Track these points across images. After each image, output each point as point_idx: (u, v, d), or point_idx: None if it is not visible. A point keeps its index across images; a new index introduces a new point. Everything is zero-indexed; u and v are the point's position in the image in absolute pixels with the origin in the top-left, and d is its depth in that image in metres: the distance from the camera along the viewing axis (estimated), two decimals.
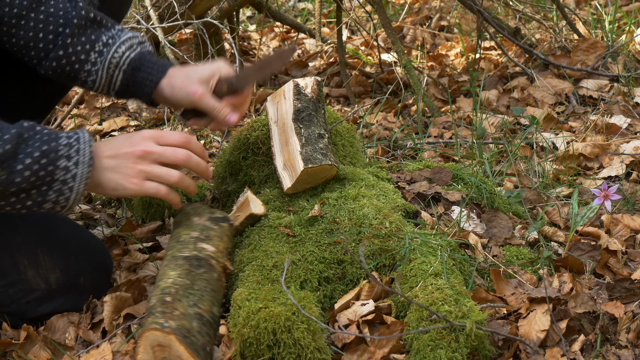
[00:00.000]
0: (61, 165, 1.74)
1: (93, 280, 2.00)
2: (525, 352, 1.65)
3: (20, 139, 1.71)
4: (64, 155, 1.74)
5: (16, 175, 1.70)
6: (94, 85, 2.00)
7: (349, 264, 1.86)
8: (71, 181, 1.75)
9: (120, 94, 2.04)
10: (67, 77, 1.99)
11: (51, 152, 1.73)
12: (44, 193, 1.74)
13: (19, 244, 1.93)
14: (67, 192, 1.76)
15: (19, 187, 1.71)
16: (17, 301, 1.93)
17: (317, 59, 4.09)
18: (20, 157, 1.70)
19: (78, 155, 1.75)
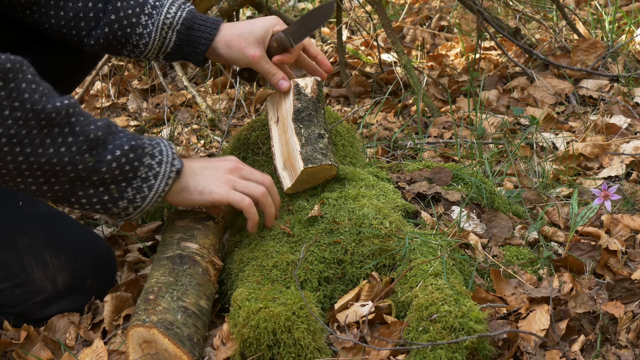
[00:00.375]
0: (145, 162, 1.75)
1: (99, 282, 2.00)
2: (525, 352, 1.65)
3: (109, 129, 1.72)
4: (149, 153, 1.75)
5: (103, 165, 1.70)
6: (145, 48, 1.99)
7: (349, 264, 1.86)
8: (152, 179, 1.76)
9: (170, 56, 2.03)
10: (117, 43, 1.97)
11: (138, 148, 1.74)
12: (123, 189, 1.75)
13: (26, 245, 1.93)
14: (145, 191, 1.76)
15: (101, 177, 1.71)
16: (24, 302, 1.93)
17: None
18: (109, 147, 1.71)
19: (161, 155, 1.77)
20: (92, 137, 1.68)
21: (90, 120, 1.70)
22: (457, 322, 1.63)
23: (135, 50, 2.00)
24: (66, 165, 1.67)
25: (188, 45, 2.00)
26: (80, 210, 1.78)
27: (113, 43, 1.98)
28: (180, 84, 3.82)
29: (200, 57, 2.02)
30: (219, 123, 3.24)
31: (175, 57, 2.04)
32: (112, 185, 1.73)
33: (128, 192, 1.76)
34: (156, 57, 2.03)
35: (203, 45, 1.99)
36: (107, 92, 3.80)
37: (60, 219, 2.07)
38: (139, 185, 1.76)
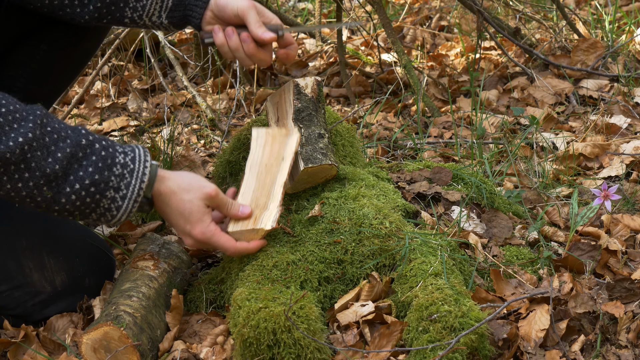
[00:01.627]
0: (109, 196, 1.74)
1: (98, 282, 2.00)
2: (525, 352, 1.65)
3: (73, 158, 1.69)
4: (112, 187, 1.74)
5: (62, 197, 1.70)
6: (147, 1, 1.96)
7: (349, 263, 1.86)
8: (114, 211, 1.76)
9: (172, 14, 1.99)
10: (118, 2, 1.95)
11: (101, 183, 1.72)
12: (86, 215, 1.75)
13: (24, 247, 1.93)
14: (108, 217, 1.77)
15: (62, 207, 1.71)
16: (23, 304, 1.93)
17: (317, 59, 4.09)
18: (70, 180, 1.69)
19: (127, 190, 1.75)
20: (48, 172, 1.67)
21: (51, 151, 1.67)
22: (457, 322, 1.63)
23: (137, 6, 1.97)
24: (25, 198, 1.69)
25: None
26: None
27: (113, 3, 1.95)
28: (180, 84, 3.82)
29: (201, 11, 1.97)
30: (219, 123, 3.24)
31: (177, 14, 1.99)
32: (75, 212, 1.74)
33: (92, 216, 1.77)
34: (159, 17, 1.99)
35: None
36: (107, 92, 3.80)
37: (58, 219, 2.07)
38: (102, 213, 1.76)
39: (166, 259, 1.97)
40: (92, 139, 1.72)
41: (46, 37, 2.10)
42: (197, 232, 1.82)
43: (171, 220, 1.84)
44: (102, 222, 1.79)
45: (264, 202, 1.89)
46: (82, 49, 2.20)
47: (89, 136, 1.72)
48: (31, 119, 1.66)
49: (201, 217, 1.82)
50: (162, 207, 1.82)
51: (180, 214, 1.81)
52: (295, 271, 1.83)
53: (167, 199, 1.81)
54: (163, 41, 3.61)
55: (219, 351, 1.78)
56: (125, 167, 1.75)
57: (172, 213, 1.82)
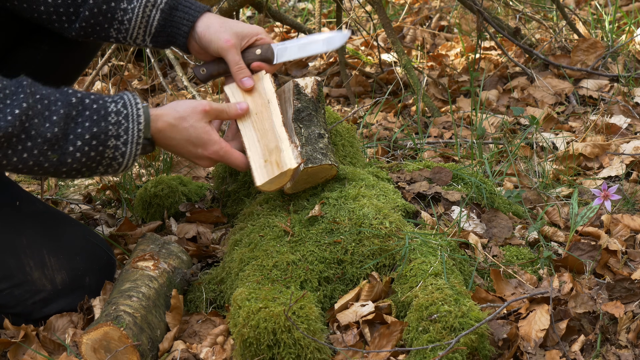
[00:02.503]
0: (111, 145, 1.79)
1: (98, 280, 2.00)
2: (525, 352, 1.65)
3: (69, 118, 1.74)
4: (113, 135, 1.78)
5: (67, 157, 1.75)
6: (130, 25, 1.98)
7: (349, 263, 1.86)
8: (120, 158, 1.80)
9: (156, 38, 2.02)
10: (104, 20, 1.97)
11: (101, 134, 1.77)
12: (94, 169, 1.80)
13: (24, 245, 1.93)
14: (115, 166, 1.82)
15: (70, 167, 1.76)
16: (23, 302, 1.93)
17: (317, 59, 4.09)
18: (70, 139, 1.75)
19: (127, 134, 1.80)
20: (49, 136, 1.72)
21: (46, 116, 1.72)
22: (457, 322, 1.63)
23: (121, 28, 1.99)
24: (32, 167, 1.74)
25: (172, 26, 2.00)
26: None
27: (99, 19, 1.97)
28: (180, 84, 3.82)
29: (183, 40, 2.01)
30: None
31: (161, 40, 2.03)
32: (82, 168, 1.79)
33: (99, 169, 1.81)
34: (143, 40, 2.02)
35: (185, 26, 1.99)
36: (107, 92, 3.79)
37: (59, 218, 2.07)
38: (108, 164, 1.81)
39: (166, 259, 1.97)
40: (81, 96, 1.78)
41: (47, 38, 2.11)
42: (211, 153, 1.87)
43: (180, 151, 1.88)
44: (110, 172, 1.83)
45: (275, 145, 1.91)
46: (83, 49, 2.20)
47: (77, 94, 1.78)
48: (21, 90, 1.71)
49: (209, 137, 1.87)
50: (167, 142, 1.86)
51: (187, 141, 1.86)
52: (295, 271, 1.83)
53: (168, 133, 1.85)
54: None
55: (219, 351, 1.78)
56: (119, 114, 1.79)
57: (178, 145, 1.86)
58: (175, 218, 2.36)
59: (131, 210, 2.45)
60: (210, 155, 1.88)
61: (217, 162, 1.92)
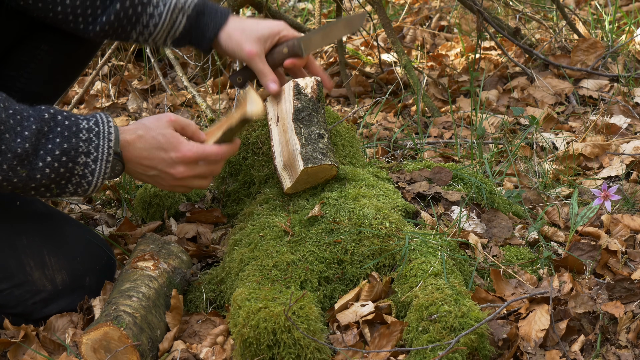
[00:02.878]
0: (80, 162, 1.77)
1: (98, 281, 2.00)
2: (525, 352, 1.65)
3: (40, 134, 1.73)
4: (83, 152, 1.77)
5: (36, 173, 1.73)
6: (155, 30, 1.99)
7: (349, 263, 1.86)
8: (89, 176, 1.79)
9: (178, 41, 2.03)
10: (127, 23, 1.97)
11: (71, 150, 1.75)
12: (63, 187, 1.78)
13: (24, 245, 1.93)
14: (85, 185, 1.80)
15: (39, 183, 1.75)
16: (24, 302, 1.93)
17: (317, 59, 4.09)
18: (40, 154, 1.73)
19: (97, 152, 1.78)
20: (19, 152, 1.70)
21: (17, 132, 1.70)
22: (457, 322, 1.63)
23: (144, 31, 2.00)
24: (2, 182, 1.72)
25: (197, 30, 2.01)
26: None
27: (123, 23, 1.97)
28: (180, 84, 3.82)
29: (207, 44, 2.02)
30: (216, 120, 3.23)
31: (183, 42, 2.04)
32: (51, 185, 1.77)
33: (68, 187, 1.79)
34: (164, 42, 2.03)
35: (211, 32, 2.00)
36: (107, 92, 3.79)
37: (59, 218, 2.07)
38: (77, 182, 1.79)
39: (166, 259, 1.97)
40: (54, 112, 1.76)
41: (47, 37, 2.11)
42: (186, 152, 1.82)
43: (152, 161, 1.83)
44: (79, 192, 1.80)
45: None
46: (83, 49, 2.20)
47: (49, 109, 1.76)
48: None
49: (177, 140, 1.83)
50: (137, 154, 1.82)
51: (157, 148, 1.82)
52: (295, 271, 1.83)
53: (137, 144, 1.81)
54: None
55: (219, 351, 1.78)
56: (91, 131, 1.78)
57: (149, 155, 1.82)
58: (175, 218, 2.36)
59: (131, 210, 2.45)
60: (186, 155, 1.82)
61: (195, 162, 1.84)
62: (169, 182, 1.86)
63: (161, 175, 1.84)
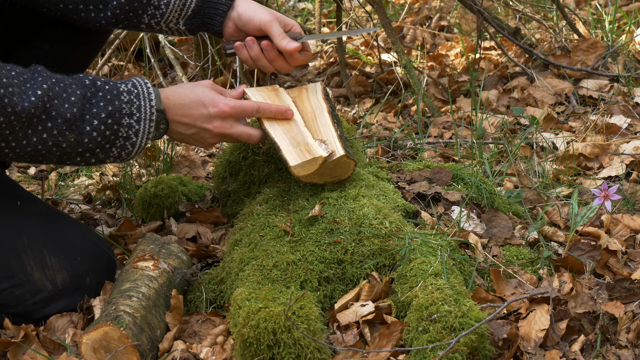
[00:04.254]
0: (125, 123, 1.82)
1: (99, 281, 2.00)
2: (525, 352, 1.65)
3: (85, 99, 1.78)
4: (126, 114, 1.82)
5: (84, 137, 1.78)
6: (167, 9, 2.01)
7: (349, 263, 1.86)
8: (134, 137, 1.84)
9: (190, 21, 2.05)
10: (139, 5, 2.00)
11: (115, 112, 1.81)
12: (108, 150, 1.83)
13: (25, 245, 1.93)
14: (129, 147, 1.85)
15: (86, 147, 1.80)
16: (24, 302, 1.93)
17: (317, 59, 4.09)
18: (87, 119, 1.78)
19: (139, 112, 1.83)
20: (69, 116, 1.76)
21: (64, 97, 1.76)
22: (457, 322, 1.63)
23: (156, 13, 2.02)
24: (51, 147, 1.77)
25: (209, 7, 2.03)
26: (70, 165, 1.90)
27: (134, 5, 2.00)
28: None
29: (221, 20, 2.03)
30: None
31: (195, 22, 2.05)
32: (97, 149, 1.82)
33: (113, 151, 1.84)
34: (176, 23, 2.04)
35: (225, 5, 2.02)
36: None
37: (59, 218, 2.07)
38: (122, 144, 1.84)
39: (166, 259, 1.97)
40: (93, 78, 1.82)
41: (49, 37, 2.11)
42: (224, 106, 1.90)
43: (191, 117, 1.89)
44: (122, 155, 1.85)
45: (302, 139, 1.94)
46: (84, 48, 2.21)
47: (88, 77, 1.82)
48: (37, 75, 1.76)
49: (216, 95, 1.91)
50: (177, 111, 1.88)
51: (196, 103, 1.89)
52: (295, 271, 1.83)
53: (178, 100, 1.88)
54: (163, 41, 3.61)
55: (219, 351, 1.78)
56: (131, 93, 1.84)
57: (188, 111, 1.88)
58: (175, 218, 2.36)
59: (131, 210, 2.45)
60: (224, 110, 1.88)
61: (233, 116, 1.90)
62: (207, 140, 1.93)
63: (200, 133, 1.92)
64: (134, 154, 1.86)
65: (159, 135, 1.89)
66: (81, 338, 1.70)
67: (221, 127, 1.90)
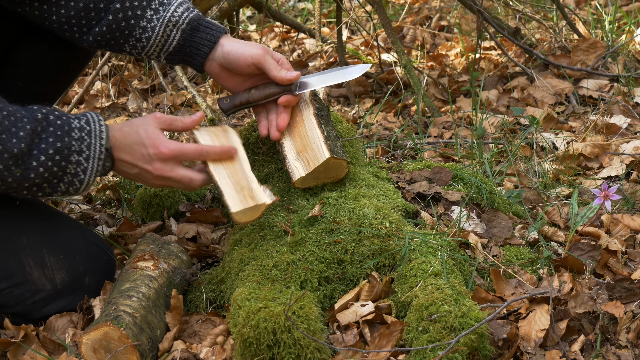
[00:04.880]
0: (73, 160, 1.80)
1: (98, 281, 2.00)
2: (525, 352, 1.65)
3: (34, 134, 1.76)
4: (75, 151, 1.80)
5: (30, 172, 1.76)
6: (147, 43, 1.98)
7: (349, 263, 1.86)
8: (82, 174, 1.82)
9: (171, 56, 2.02)
10: (120, 36, 1.97)
11: (64, 149, 1.79)
12: (55, 186, 1.81)
13: (24, 244, 1.93)
14: (77, 184, 1.83)
15: (32, 182, 1.78)
16: (23, 302, 1.93)
17: (317, 59, 4.09)
18: (34, 154, 1.76)
19: (89, 150, 1.82)
20: (15, 152, 1.73)
21: (13, 132, 1.73)
22: (457, 322, 1.63)
23: (137, 45, 1.99)
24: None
25: (191, 47, 1.99)
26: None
27: (116, 35, 1.97)
28: (180, 84, 3.82)
29: (202, 60, 2.00)
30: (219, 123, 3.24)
31: (177, 58, 2.02)
32: (44, 184, 1.80)
33: (60, 186, 1.82)
34: (157, 57, 2.02)
35: (206, 47, 1.98)
36: (107, 92, 3.80)
37: (59, 218, 2.07)
38: (69, 180, 1.82)
39: (166, 259, 1.97)
40: (46, 112, 1.79)
41: (46, 37, 2.11)
42: (163, 148, 1.85)
43: (133, 157, 1.86)
44: (70, 191, 1.84)
45: (246, 184, 1.90)
46: (82, 49, 2.20)
47: (42, 109, 1.79)
48: None
49: (159, 136, 1.87)
50: (121, 149, 1.86)
51: (138, 144, 1.86)
52: (295, 271, 1.83)
53: (122, 139, 1.86)
54: None
55: (219, 351, 1.78)
56: (82, 130, 1.82)
57: (130, 150, 1.86)
58: (175, 218, 2.36)
59: (131, 210, 2.45)
60: (164, 153, 1.84)
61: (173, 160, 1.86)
62: (151, 181, 1.90)
63: (142, 174, 1.89)
64: (81, 190, 1.85)
65: (105, 172, 1.88)
66: (81, 338, 1.69)
67: (161, 170, 1.87)
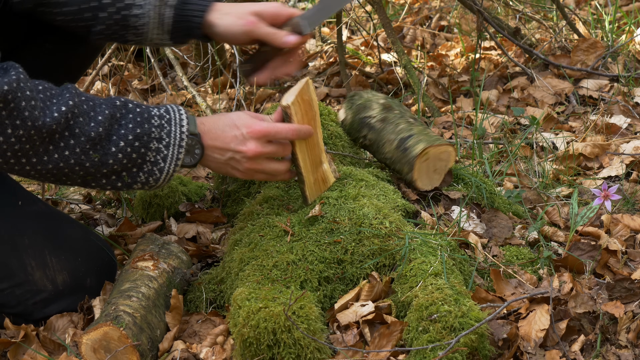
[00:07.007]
0: (153, 148, 1.79)
1: (99, 281, 2.01)
2: (525, 352, 1.65)
3: (113, 119, 1.75)
4: (155, 138, 1.78)
5: (109, 158, 1.75)
6: (146, 29, 1.97)
7: (349, 263, 1.86)
8: (161, 162, 1.80)
9: (174, 35, 2.00)
10: (120, 28, 1.98)
11: (144, 135, 1.77)
12: (135, 174, 1.79)
13: (26, 245, 1.93)
14: (157, 173, 1.81)
15: (110, 168, 1.76)
16: (24, 302, 1.93)
17: (317, 59, 4.09)
18: (113, 139, 1.75)
19: (169, 137, 1.80)
20: (93, 135, 1.73)
21: (91, 116, 1.73)
22: (457, 322, 1.63)
23: (137, 33, 1.99)
24: (74, 166, 1.74)
25: (185, 20, 1.97)
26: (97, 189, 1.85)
27: (115, 28, 1.98)
28: (180, 84, 3.82)
29: (198, 31, 1.98)
30: None
31: (179, 34, 2.00)
32: (122, 172, 1.79)
33: (140, 176, 1.80)
34: (161, 39, 2.01)
35: (198, 17, 1.96)
36: (107, 92, 3.79)
37: (60, 218, 2.07)
38: (149, 169, 1.80)
39: (166, 259, 1.97)
40: (124, 100, 1.79)
41: (51, 36, 2.12)
42: (259, 128, 1.83)
43: (225, 140, 1.83)
44: (150, 181, 1.81)
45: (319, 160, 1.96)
46: (86, 47, 2.21)
47: (120, 98, 1.80)
48: (66, 91, 1.74)
49: (250, 118, 1.85)
50: (211, 134, 1.83)
51: (230, 126, 1.84)
52: (295, 271, 1.83)
53: (213, 123, 1.84)
54: None
55: (218, 351, 1.78)
56: (162, 118, 1.80)
57: (222, 134, 1.83)
58: (175, 218, 2.36)
59: (131, 210, 2.45)
60: (259, 132, 1.81)
61: (267, 139, 1.83)
62: (244, 165, 1.85)
63: (235, 157, 1.84)
64: (162, 180, 1.81)
65: (194, 161, 1.83)
66: (81, 338, 1.70)
67: (255, 150, 1.83)
